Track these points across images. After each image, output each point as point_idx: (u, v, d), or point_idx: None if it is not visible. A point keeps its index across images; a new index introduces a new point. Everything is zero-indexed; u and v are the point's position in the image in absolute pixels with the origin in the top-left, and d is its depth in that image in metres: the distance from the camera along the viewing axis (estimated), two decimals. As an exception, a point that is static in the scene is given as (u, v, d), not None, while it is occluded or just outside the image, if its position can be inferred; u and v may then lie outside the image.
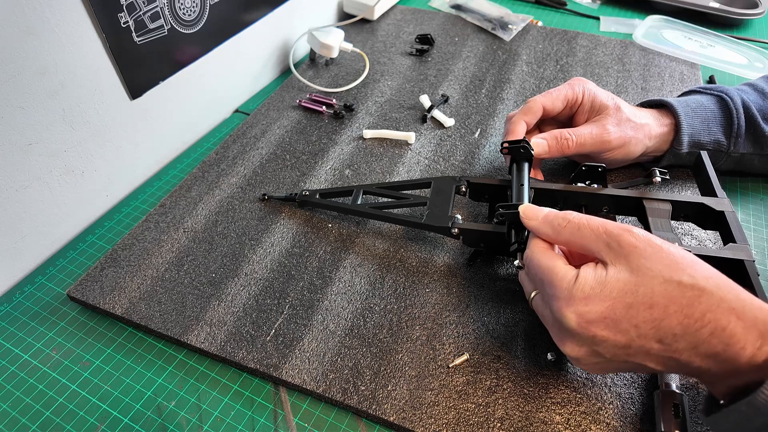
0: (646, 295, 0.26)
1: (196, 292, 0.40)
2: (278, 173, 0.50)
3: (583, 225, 0.30)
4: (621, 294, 0.27)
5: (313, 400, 0.35)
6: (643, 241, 0.27)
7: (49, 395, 0.35)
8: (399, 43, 0.70)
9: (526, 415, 0.33)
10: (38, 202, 0.43)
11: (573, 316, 0.28)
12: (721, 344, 0.25)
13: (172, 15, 0.48)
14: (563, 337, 0.30)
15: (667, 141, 0.45)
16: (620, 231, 0.28)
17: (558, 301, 0.29)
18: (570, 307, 0.28)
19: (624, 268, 0.27)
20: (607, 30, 0.76)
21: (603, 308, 0.27)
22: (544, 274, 0.30)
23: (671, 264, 0.26)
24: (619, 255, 0.28)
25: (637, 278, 0.27)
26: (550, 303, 0.30)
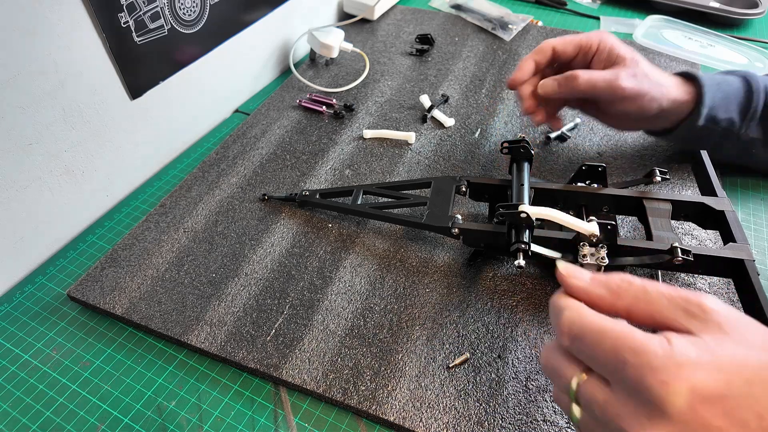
0: (764, 370, 0.20)
1: (197, 292, 0.40)
2: (278, 173, 0.50)
3: (650, 287, 0.23)
4: (737, 367, 0.20)
5: (313, 400, 0.35)
6: (724, 307, 0.22)
7: (49, 395, 0.35)
8: (399, 43, 0.70)
9: (527, 415, 0.33)
10: (38, 202, 0.43)
11: (684, 388, 0.19)
12: None
13: (172, 15, 0.48)
14: (648, 423, 0.20)
15: (684, 111, 0.44)
16: (698, 295, 0.22)
17: (654, 371, 0.20)
18: (679, 377, 0.19)
19: (722, 337, 0.20)
20: (608, 30, 0.76)
21: (721, 383, 0.19)
22: (616, 341, 0.21)
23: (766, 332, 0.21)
24: (708, 323, 0.21)
25: (745, 351, 0.20)
26: (635, 379, 0.20)
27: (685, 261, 0.33)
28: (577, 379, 0.23)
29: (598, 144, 0.53)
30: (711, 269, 0.36)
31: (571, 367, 0.24)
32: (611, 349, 0.21)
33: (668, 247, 0.34)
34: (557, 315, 0.24)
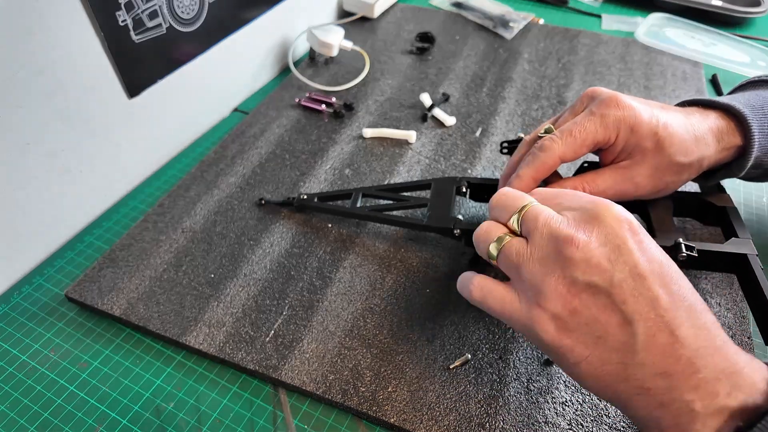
0: (667, 256, 0.25)
1: (195, 293, 0.39)
2: (277, 173, 0.50)
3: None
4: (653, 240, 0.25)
5: (312, 402, 0.34)
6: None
7: (47, 396, 0.35)
8: (399, 41, 0.69)
9: (528, 417, 0.32)
10: (36, 202, 0.42)
11: (624, 212, 0.25)
12: (718, 340, 0.23)
13: (170, 13, 0.48)
14: (586, 233, 0.25)
15: (722, 163, 0.36)
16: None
17: (603, 200, 0.26)
18: (612, 204, 0.25)
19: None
20: (609, 28, 0.75)
21: (637, 223, 0.25)
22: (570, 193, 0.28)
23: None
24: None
25: None
26: (582, 206, 0.26)
27: (689, 257, 0.33)
28: (534, 203, 0.28)
29: (599, 143, 0.53)
30: (715, 265, 0.36)
31: (528, 197, 0.29)
32: (572, 194, 0.28)
33: (672, 243, 0.34)
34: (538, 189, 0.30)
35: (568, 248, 0.24)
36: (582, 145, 0.33)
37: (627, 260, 0.24)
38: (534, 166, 0.34)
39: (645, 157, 0.33)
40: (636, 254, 0.24)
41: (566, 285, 0.24)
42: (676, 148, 0.33)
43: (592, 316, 0.24)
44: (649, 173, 0.34)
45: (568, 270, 0.24)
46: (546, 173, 0.34)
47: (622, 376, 0.23)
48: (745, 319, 0.37)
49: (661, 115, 0.33)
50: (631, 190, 0.34)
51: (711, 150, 0.34)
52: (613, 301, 0.23)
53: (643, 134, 0.32)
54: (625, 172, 0.34)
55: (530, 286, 0.26)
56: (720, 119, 0.34)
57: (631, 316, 0.23)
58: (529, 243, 0.26)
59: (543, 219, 0.26)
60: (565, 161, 0.34)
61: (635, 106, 0.33)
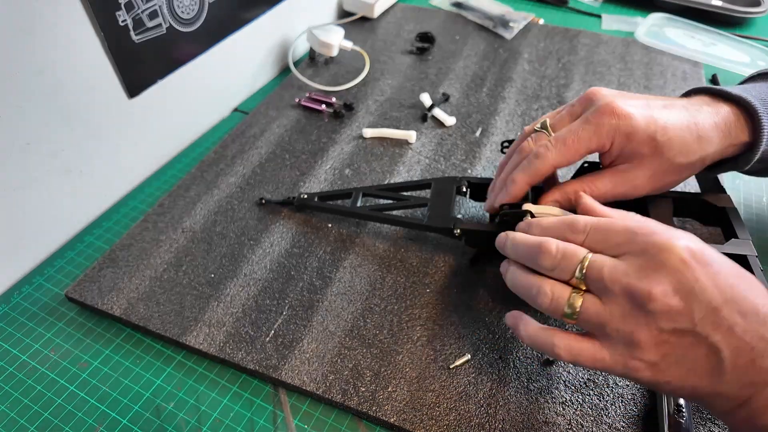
0: (733, 263, 0.26)
1: (195, 293, 0.39)
2: (278, 173, 0.50)
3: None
4: (716, 251, 0.26)
5: (312, 402, 0.34)
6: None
7: (47, 396, 0.35)
8: (399, 41, 0.69)
9: (528, 417, 0.32)
10: (36, 202, 0.42)
11: (682, 244, 0.25)
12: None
13: (170, 13, 0.48)
14: (658, 283, 0.25)
15: (726, 157, 0.36)
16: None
17: (659, 235, 0.26)
18: (679, 239, 0.25)
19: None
20: (609, 28, 0.75)
21: (708, 254, 0.25)
22: (625, 225, 0.27)
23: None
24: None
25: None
26: (644, 243, 0.26)
27: None
28: (589, 253, 0.28)
29: (599, 143, 0.53)
30: None
31: (581, 248, 0.28)
32: (623, 228, 0.27)
33: None
34: (574, 218, 0.30)
35: (648, 303, 0.25)
36: (575, 154, 0.34)
37: (702, 299, 0.24)
38: (528, 172, 0.35)
39: (643, 161, 0.33)
40: (709, 291, 0.24)
41: (655, 335, 0.25)
42: (676, 150, 0.33)
43: (682, 354, 0.25)
44: (648, 176, 0.34)
45: (653, 323, 0.25)
46: (540, 179, 0.35)
47: (712, 392, 0.25)
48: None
49: (660, 118, 0.33)
50: (630, 192, 0.35)
51: (714, 147, 0.34)
52: (697, 337, 0.25)
53: (640, 141, 0.32)
54: (624, 175, 0.34)
55: (620, 343, 0.26)
56: (731, 114, 0.34)
57: (716, 346, 0.24)
58: (603, 302, 0.27)
59: (609, 276, 0.26)
60: (558, 168, 0.35)
61: (632, 113, 0.32)
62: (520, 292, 0.31)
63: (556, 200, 0.35)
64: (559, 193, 0.35)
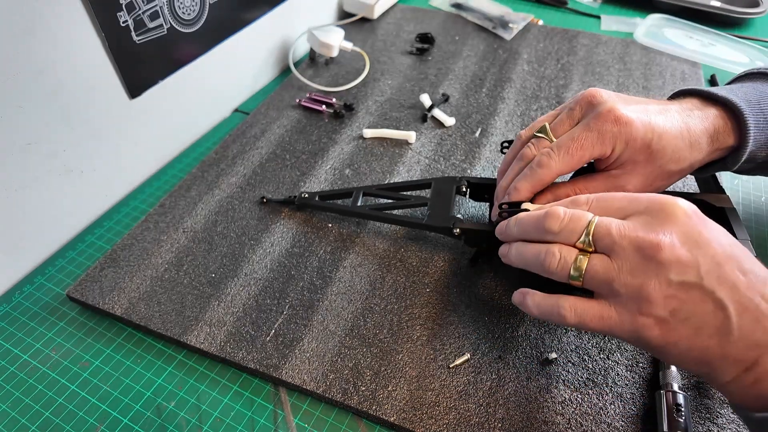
0: (729, 233, 0.27)
1: (196, 293, 0.40)
2: (278, 173, 0.50)
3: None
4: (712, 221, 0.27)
5: (313, 401, 0.34)
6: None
7: (48, 395, 0.35)
8: (399, 42, 0.70)
9: (528, 416, 0.32)
10: (37, 202, 0.43)
11: (685, 204, 0.27)
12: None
13: (171, 14, 0.48)
14: (666, 235, 0.26)
15: (713, 160, 0.37)
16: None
17: (662, 198, 0.27)
18: (676, 200, 0.27)
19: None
20: (608, 29, 0.76)
21: (703, 215, 0.27)
22: (629, 195, 0.29)
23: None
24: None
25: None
26: (650, 203, 0.27)
27: None
28: (595, 217, 0.28)
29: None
30: None
31: (588, 212, 0.29)
32: (624, 195, 0.29)
33: None
34: (576, 197, 0.31)
35: (657, 253, 0.25)
36: (579, 162, 0.34)
37: (707, 251, 0.25)
38: (531, 181, 0.35)
39: (636, 167, 0.34)
40: (713, 245, 0.26)
41: (663, 288, 0.25)
42: (668, 158, 0.34)
43: (690, 310, 0.25)
44: (639, 181, 0.35)
45: (663, 274, 0.25)
46: (543, 187, 0.35)
47: (720, 354, 0.25)
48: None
49: (657, 124, 0.33)
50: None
51: (703, 154, 0.35)
52: (704, 291, 0.25)
53: (637, 148, 0.33)
54: (617, 180, 0.35)
55: (628, 298, 0.26)
56: (718, 119, 0.35)
57: (722, 301, 0.25)
58: (612, 258, 0.27)
59: (617, 231, 0.27)
60: (561, 175, 0.35)
61: (633, 120, 0.33)
62: (527, 259, 0.31)
63: (549, 202, 0.36)
64: (552, 196, 0.36)
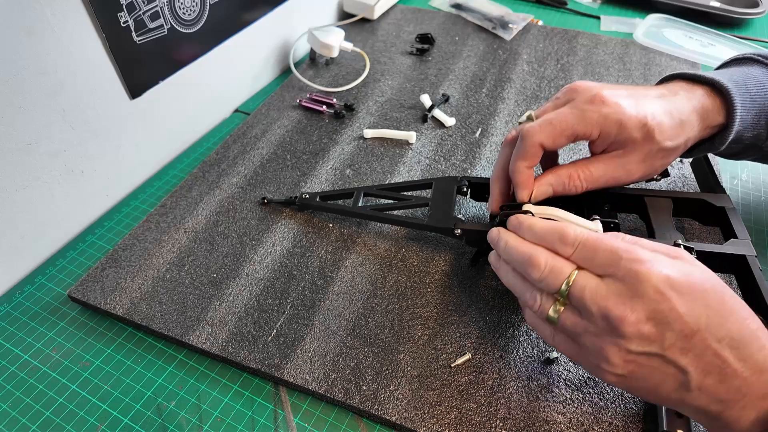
0: (720, 288, 0.26)
1: (197, 292, 0.40)
2: (279, 173, 0.50)
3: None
4: (701, 276, 0.26)
5: (313, 400, 0.34)
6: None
7: (49, 395, 0.35)
8: (399, 42, 0.70)
9: (529, 415, 0.33)
10: (38, 202, 0.43)
11: (661, 274, 0.25)
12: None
13: (171, 14, 0.48)
14: (631, 309, 0.25)
15: (704, 138, 0.38)
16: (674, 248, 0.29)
17: (641, 262, 0.26)
18: (658, 268, 0.25)
19: (693, 264, 0.27)
20: (608, 29, 0.76)
21: (687, 282, 0.25)
22: (613, 245, 0.27)
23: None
24: (677, 256, 0.28)
25: (709, 274, 0.27)
26: (626, 267, 0.26)
27: None
28: (575, 271, 0.28)
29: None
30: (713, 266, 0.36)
31: (568, 264, 0.28)
32: (609, 249, 0.27)
33: (671, 244, 0.34)
34: (565, 229, 0.29)
35: (620, 326, 0.26)
36: (560, 135, 0.34)
37: (674, 327, 0.25)
38: (520, 155, 0.36)
39: (635, 147, 0.35)
40: (683, 319, 0.25)
41: (623, 354, 0.26)
42: (665, 135, 0.34)
43: (650, 372, 0.26)
44: (639, 160, 0.35)
45: (623, 344, 0.26)
46: (533, 159, 0.36)
47: (679, 403, 0.27)
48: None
49: (647, 106, 0.34)
50: (623, 177, 0.36)
51: (695, 130, 0.36)
52: (666, 359, 0.26)
53: (633, 126, 0.34)
54: (617, 160, 0.35)
55: (591, 352, 0.28)
56: (705, 97, 0.36)
57: (684, 367, 0.25)
58: (582, 317, 0.28)
59: (590, 296, 0.27)
60: (545, 148, 0.35)
61: (621, 102, 0.34)
62: (513, 290, 0.32)
63: (549, 183, 0.36)
64: (553, 176, 0.36)
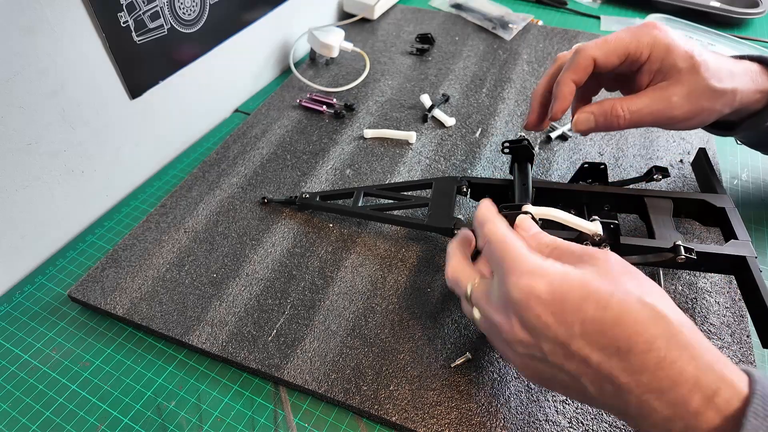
0: (604, 296, 0.24)
1: (198, 293, 0.40)
2: (279, 173, 0.50)
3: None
4: (580, 284, 0.24)
5: (313, 400, 0.34)
6: (618, 259, 0.26)
7: (49, 395, 0.35)
8: (399, 42, 0.70)
9: (529, 415, 0.32)
10: (38, 202, 0.43)
11: (524, 287, 0.25)
12: (667, 379, 0.22)
13: (171, 14, 0.48)
14: (506, 316, 0.26)
15: (753, 108, 0.37)
16: (596, 250, 0.27)
17: (514, 271, 0.26)
18: (520, 277, 0.25)
19: (591, 269, 0.25)
20: (608, 29, 0.76)
21: (555, 287, 0.24)
22: (506, 246, 0.27)
23: (641, 284, 0.25)
24: (590, 261, 0.26)
25: (601, 279, 0.25)
26: (502, 274, 0.27)
27: (687, 259, 0.33)
28: (471, 284, 0.30)
29: (599, 143, 0.53)
30: (713, 266, 0.36)
31: (471, 275, 0.30)
32: (499, 251, 0.28)
33: (671, 245, 0.34)
34: (482, 224, 0.30)
35: (500, 332, 0.27)
36: (614, 52, 0.35)
37: (546, 336, 0.25)
38: (571, 68, 0.36)
39: (681, 77, 0.34)
40: (552, 328, 0.24)
41: (514, 356, 0.27)
42: (711, 72, 0.34)
43: (550, 376, 0.26)
44: (684, 93, 0.35)
45: (511, 347, 0.27)
46: (582, 74, 0.36)
47: (602, 405, 0.26)
48: (744, 318, 0.38)
49: (696, 47, 0.35)
50: (667, 110, 0.35)
51: (745, 85, 0.36)
52: (554, 365, 0.25)
53: (679, 55, 0.34)
54: (662, 92, 0.35)
55: (500, 352, 0.30)
56: (752, 65, 0.37)
57: (574, 374, 0.25)
58: (485, 320, 0.29)
59: (477, 302, 0.29)
60: (597, 64, 0.36)
61: (671, 32, 0.35)
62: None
63: (592, 111, 0.37)
64: (596, 106, 0.37)
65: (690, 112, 0.35)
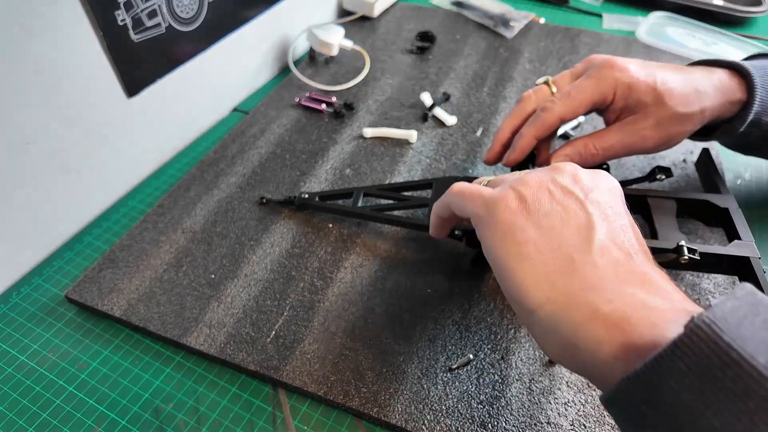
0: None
1: (195, 294, 0.39)
2: (278, 173, 0.50)
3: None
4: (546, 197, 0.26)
5: (312, 402, 0.34)
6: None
7: (46, 397, 0.35)
8: (400, 40, 0.69)
9: (531, 417, 0.32)
10: (35, 202, 0.42)
11: (506, 199, 0.26)
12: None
13: (169, 12, 0.48)
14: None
15: (726, 117, 0.38)
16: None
17: (492, 194, 0.28)
18: (505, 197, 0.26)
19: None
20: (610, 27, 0.75)
21: (526, 203, 0.26)
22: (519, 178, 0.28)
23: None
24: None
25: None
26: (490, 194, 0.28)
27: (691, 260, 0.33)
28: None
29: (601, 142, 0.53)
30: (716, 267, 0.36)
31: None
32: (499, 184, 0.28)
33: (674, 245, 0.34)
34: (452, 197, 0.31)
35: (559, 167, 0.27)
36: (579, 106, 0.36)
37: (599, 199, 0.26)
38: (535, 126, 0.37)
39: (647, 110, 0.35)
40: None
41: (547, 181, 0.26)
42: (676, 100, 0.35)
43: (556, 209, 0.25)
44: (653, 125, 0.36)
45: (557, 174, 0.27)
46: (546, 132, 0.37)
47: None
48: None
49: (658, 73, 0.36)
50: (639, 143, 0.36)
51: (712, 101, 0.36)
52: (584, 206, 0.25)
53: (642, 90, 0.35)
54: (631, 126, 0.36)
55: (514, 179, 0.28)
56: (724, 75, 0.37)
57: (596, 222, 0.24)
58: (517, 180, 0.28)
59: (497, 182, 0.30)
60: (564, 121, 0.37)
61: (630, 67, 0.36)
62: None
63: (566, 154, 0.38)
64: (569, 147, 0.38)
65: (660, 139, 0.37)
